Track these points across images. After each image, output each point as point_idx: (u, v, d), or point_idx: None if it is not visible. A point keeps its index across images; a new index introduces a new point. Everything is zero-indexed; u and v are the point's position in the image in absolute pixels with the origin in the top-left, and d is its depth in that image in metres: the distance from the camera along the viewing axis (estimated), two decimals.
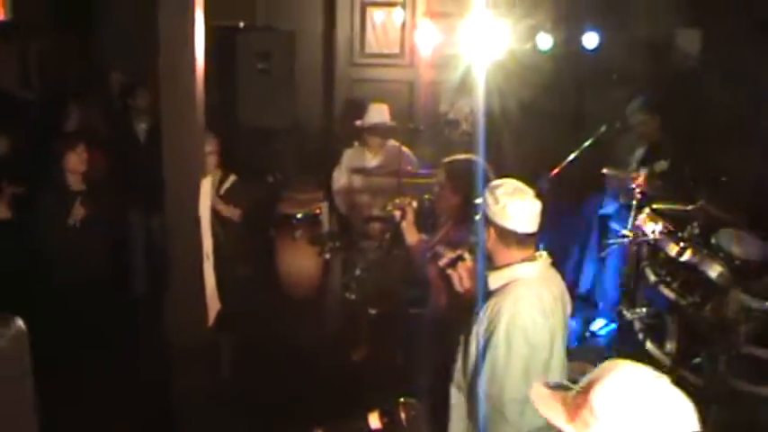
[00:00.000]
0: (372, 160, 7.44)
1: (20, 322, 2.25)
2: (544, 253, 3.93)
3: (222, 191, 6.56)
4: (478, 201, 4.01)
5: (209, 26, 4.86)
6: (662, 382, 2.12)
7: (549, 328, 3.76)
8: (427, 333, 5.03)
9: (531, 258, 3.85)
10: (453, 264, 4.15)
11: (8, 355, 2.17)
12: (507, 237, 3.79)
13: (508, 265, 3.83)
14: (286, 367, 6.37)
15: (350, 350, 6.65)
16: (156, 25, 4.43)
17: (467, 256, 4.12)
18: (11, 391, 2.20)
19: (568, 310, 4.04)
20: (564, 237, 7.14)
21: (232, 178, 6.74)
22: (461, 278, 4.10)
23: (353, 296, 6.36)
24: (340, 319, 7.20)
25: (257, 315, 6.79)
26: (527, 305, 3.70)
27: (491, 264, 3.91)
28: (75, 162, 6.46)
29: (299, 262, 7.24)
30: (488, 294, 3.87)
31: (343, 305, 7.11)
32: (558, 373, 3.89)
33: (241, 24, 9.15)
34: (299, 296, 7.41)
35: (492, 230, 3.81)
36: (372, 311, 6.18)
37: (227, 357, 6.25)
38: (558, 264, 4.04)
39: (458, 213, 5.00)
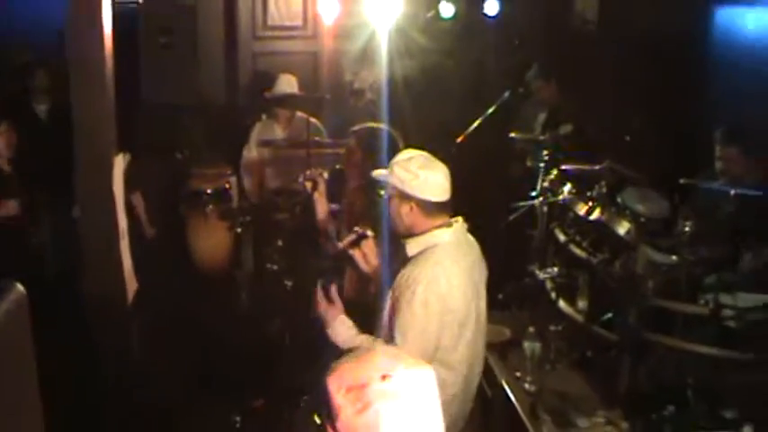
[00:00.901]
0: (281, 133, 7.42)
1: (20, 287, 2.00)
2: (460, 218, 4.00)
3: None
4: (382, 175, 4.02)
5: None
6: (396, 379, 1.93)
7: (466, 291, 3.85)
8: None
9: (448, 224, 3.92)
10: (356, 243, 4.19)
11: (7, 329, 1.91)
12: (428, 208, 3.86)
13: (426, 231, 3.89)
14: (205, 342, 6.36)
15: (266, 323, 6.66)
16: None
17: (369, 233, 4.17)
18: (11, 370, 1.98)
19: (485, 273, 4.13)
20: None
21: (126, 158, 6.69)
22: (366, 256, 4.16)
23: (275, 267, 6.36)
24: (255, 293, 7.20)
25: (172, 292, 6.74)
26: (444, 270, 3.78)
27: (407, 233, 3.96)
28: (2, 145, 6.33)
29: (211, 237, 7.19)
30: (405, 260, 3.93)
31: (257, 278, 7.12)
32: (475, 336, 3.97)
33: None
34: (212, 271, 7.37)
35: (413, 204, 3.85)
36: (288, 283, 6.19)
37: (145, 335, 6.20)
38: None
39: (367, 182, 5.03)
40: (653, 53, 7.74)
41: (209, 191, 7.17)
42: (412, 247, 3.92)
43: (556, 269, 5.81)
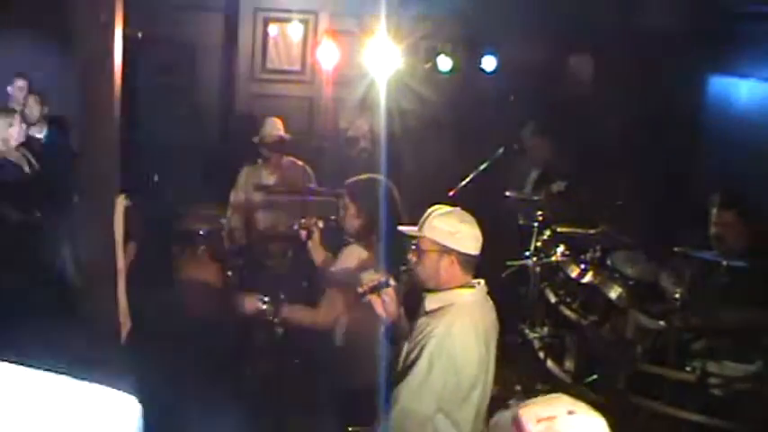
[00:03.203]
0: (269, 177, 7.37)
1: (136, 402, 2.01)
2: (482, 281, 3.99)
3: None
4: (416, 230, 4.01)
5: None
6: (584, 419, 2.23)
7: (480, 353, 3.84)
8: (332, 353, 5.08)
9: (470, 285, 3.92)
10: (376, 289, 4.17)
11: None
12: (466, 261, 3.86)
13: (448, 288, 3.91)
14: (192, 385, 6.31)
15: (253, 367, 6.61)
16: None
17: (392, 281, 4.15)
18: None
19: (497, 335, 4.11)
20: None
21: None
22: (385, 304, 4.13)
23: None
24: (245, 336, 7.15)
25: (163, 332, 6.69)
26: (459, 331, 3.76)
27: (436, 287, 3.94)
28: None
29: (202, 278, 7.14)
30: (422, 313, 3.93)
31: (248, 322, 7.07)
32: (482, 398, 3.96)
33: (139, 35, 8.95)
34: (201, 311, 7.31)
35: (453, 258, 3.84)
36: (279, 330, 6.16)
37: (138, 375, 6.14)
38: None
39: (363, 234, 5.03)
40: (646, 117, 7.84)
41: (201, 231, 7.12)
42: (432, 301, 3.90)
43: (545, 329, 5.85)
